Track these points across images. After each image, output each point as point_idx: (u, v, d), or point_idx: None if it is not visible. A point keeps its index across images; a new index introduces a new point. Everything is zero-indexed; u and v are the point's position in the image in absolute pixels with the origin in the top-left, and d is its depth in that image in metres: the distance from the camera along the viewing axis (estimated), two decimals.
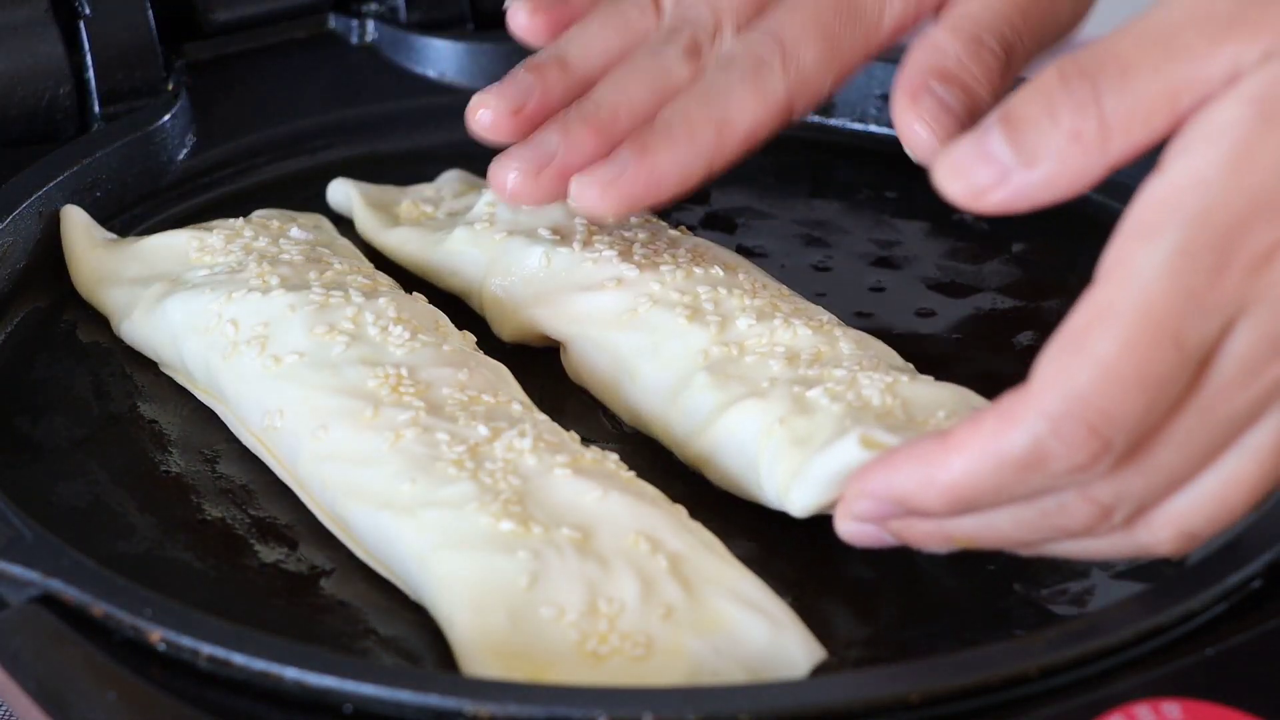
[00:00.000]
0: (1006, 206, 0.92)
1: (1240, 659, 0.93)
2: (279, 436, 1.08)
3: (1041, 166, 0.91)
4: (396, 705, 0.90)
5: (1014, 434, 0.88)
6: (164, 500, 1.09)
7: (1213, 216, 0.86)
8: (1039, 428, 0.87)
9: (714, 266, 1.16)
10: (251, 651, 0.91)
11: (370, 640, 1.00)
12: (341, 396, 1.07)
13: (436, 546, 0.99)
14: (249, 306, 1.13)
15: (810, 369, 1.08)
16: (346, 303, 1.13)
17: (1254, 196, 0.86)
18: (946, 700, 0.90)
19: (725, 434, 1.07)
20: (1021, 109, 0.91)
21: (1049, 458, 0.88)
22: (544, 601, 0.96)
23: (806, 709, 0.89)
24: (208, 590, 1.03)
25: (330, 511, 1.06)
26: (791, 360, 1.09)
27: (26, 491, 1.06)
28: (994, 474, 0.89)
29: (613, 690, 0.91)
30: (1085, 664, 0.92)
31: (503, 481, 1.01)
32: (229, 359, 1.12)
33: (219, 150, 1.36)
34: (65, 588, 0.95)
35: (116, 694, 0.91)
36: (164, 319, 1.16)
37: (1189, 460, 0.89)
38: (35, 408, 1.15)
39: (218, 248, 1.20)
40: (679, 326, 1.13)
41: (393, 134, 1.40)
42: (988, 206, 0.92)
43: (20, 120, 1.34)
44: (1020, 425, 0.88)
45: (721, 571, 0.99)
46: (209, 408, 1.15)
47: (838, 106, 1.39)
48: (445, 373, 1.09)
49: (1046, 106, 0.90)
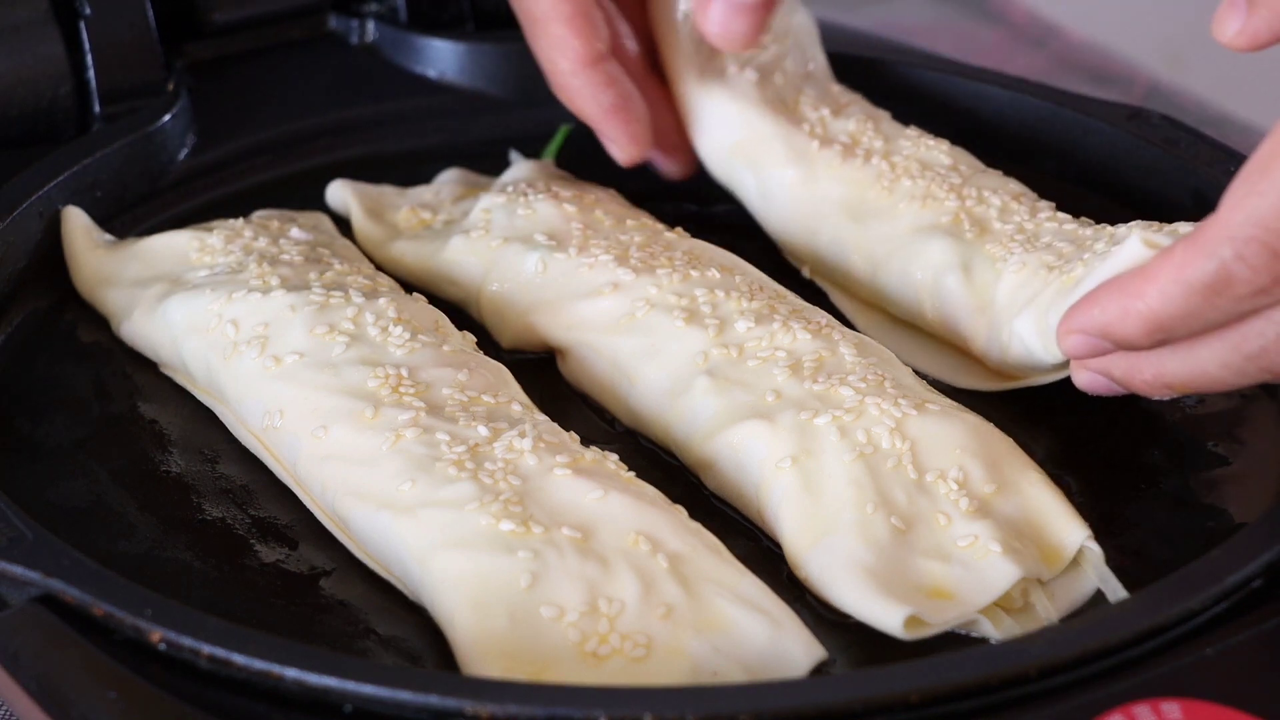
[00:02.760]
0: None
1: (1240, 659, 0.93)
2: (279, 436, 1.08)
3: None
4: (396, 705, 0.90)
5: (1200, 260, 0.93)
6: (164, 500, 1.09)
7: None
8: (1224, 252, 0.92)
9: (710, 269, 1.16)
10: (252, 651, 0.91)
11: (370, 640, 1.00)
12: (342, 397, 1.07)
13: (437, 546, 0.99)
14: (249, 307, 1.13)
15: (815, 382, 1.08)
16: (347, 303, 1.13)
17: None
18: (946, 700, 0.90)
19: (727, 449, 1.07)
20: None
21: (1234, 281, 0.92)
22: (544, 601, 0.96)
23: (806, 709, 0.89)
24: (208, 590, 1.03)
25: (330, 511, 1.06)
26: (795, 369, 1.09)
27: (26, 491, 1.07)
28: (1184, 300, 0.94)
29: (613, 690, 0.91)
30: (1085, 664, 0.92)
31: (503, 482, 1.01)
32: (229, 359, 1.12)
33: (219, 150, 1.36)
34: (65, 588, 0.95)
35: (117, 694, 0.91)
36: (164, 319, 1.16)
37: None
38: (36, 408, 1.15)
39: (218, 248, 1.20)
40: (676, 329, 1.13)
41: (393, 134, 1.40)
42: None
43: (20, 120, 1.34)
44: (1206, 251, 0.93)
45: (721, 571, 0.99)
46: (209, 408, 1.15)
47: None
48: (445, 373, 1.09)
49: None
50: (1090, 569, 1.02)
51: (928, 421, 1.06)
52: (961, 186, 1.21)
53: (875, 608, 0.98)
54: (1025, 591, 1.01)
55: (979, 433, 1.06)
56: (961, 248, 1.17)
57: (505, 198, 1.24)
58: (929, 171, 1.23)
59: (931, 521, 1.02)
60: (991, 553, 1.00)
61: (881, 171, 1.23)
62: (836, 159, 1.24)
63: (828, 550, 1.01)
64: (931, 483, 1.04)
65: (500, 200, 1.24)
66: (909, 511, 1.02)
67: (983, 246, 1.17)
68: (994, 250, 1.16)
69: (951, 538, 1.01)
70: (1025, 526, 1.03)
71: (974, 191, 1.21)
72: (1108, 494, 1.08)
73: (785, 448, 1.05)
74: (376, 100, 1.42)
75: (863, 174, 1.23)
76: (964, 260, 1.17)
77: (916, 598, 0.99)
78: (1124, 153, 1.29)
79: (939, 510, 1.02)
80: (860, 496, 1.02)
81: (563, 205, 1.22)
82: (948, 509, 1.02)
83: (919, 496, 1.03)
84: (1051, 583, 1.02)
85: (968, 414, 1.08)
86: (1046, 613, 1.00)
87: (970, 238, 1.18)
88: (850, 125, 1.27)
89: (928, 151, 1.25)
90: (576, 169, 1.36)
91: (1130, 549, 1.05)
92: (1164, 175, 1.27)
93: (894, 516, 1.02)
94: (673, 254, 1.18)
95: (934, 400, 1.08)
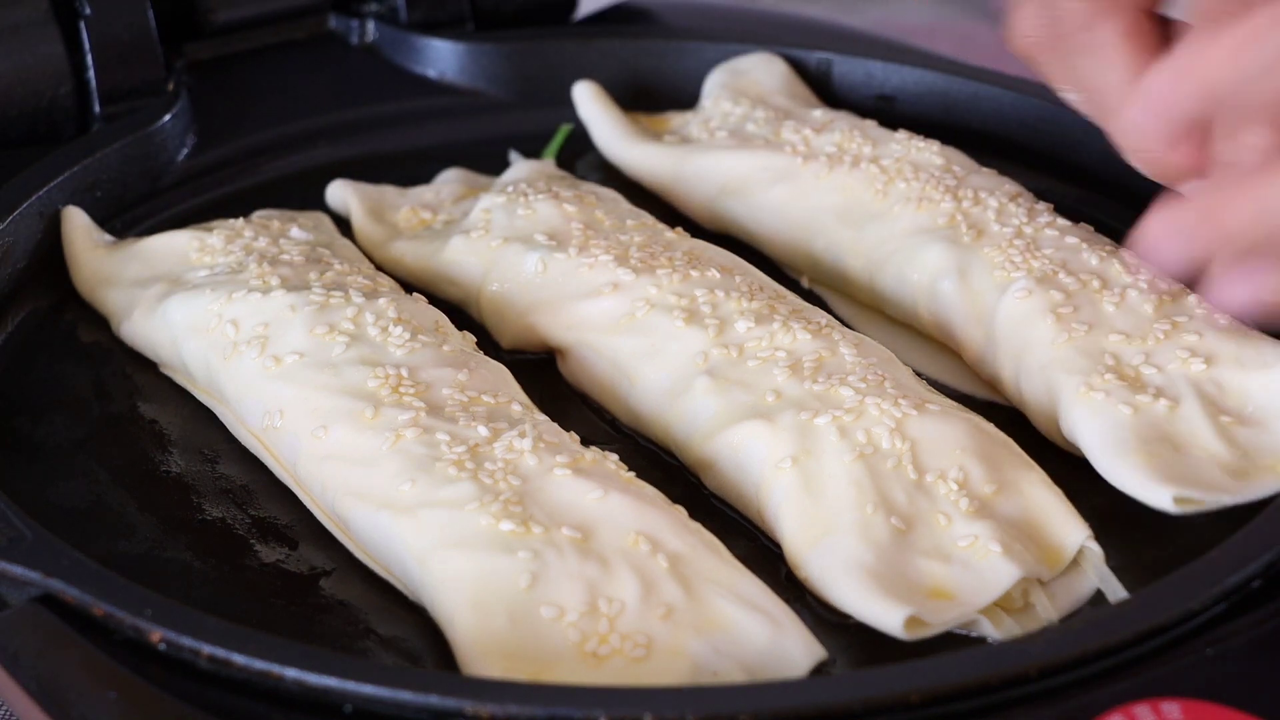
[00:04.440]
0: None
1: (1240, 659, 0.93)
2: (279, 436, 1.08)
3: None
4: (396, 705, 0.90)
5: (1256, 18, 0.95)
6: (164, 500, 1.09)
7: None
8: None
9: (710, 269, 1.16)
10: (252, 651, 0.91)
11: (370, 640, 1.00)
12: (342, 397, 1.07)
13: (436, 546, 0.99)
14: (249, 307, 1.13)
15: (815, 382, 1.08)
16: (347, 303, 1.13)
17: None
18: (946, 700, 0.90)
19: (727, 449, 1.07)
20: None
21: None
22: (544, 601, 0.96)
23: (806, 709, 0.89)
24: (208, 590, 1.03)
25: (330, 512, 1.06)
26: (795, 369, 1.09)
27: (26, 491, 1.07)
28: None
29: (613, 690, 0.91)
30: (1085, 664, 0.92)
31: (503, 482, 1.01)
32: (229, 359, 1.12)
33: (219, 150, 1.36)
34: (65, 588, 0.95)
35: (117, 694, 0.91)
36: (164, 319, 1.16)
37: None
38: (36, 408, 1.15)
39: (218, 248, 1.20)
40: (676, 329, 1.12)
41: (393, 134, 1.40)
42: None
43: (20, 120, 1.34)
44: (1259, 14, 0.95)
45: (721, 572, 0.99)
46: (209, 408, 1.15)
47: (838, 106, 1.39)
48: (445, 373, 1.09)
49: None
50: (1090, 569, 1.02)
51: (928, 421, 1.06)
52: (957, 188, 1.21)
53: (875, 608, 0.98)
54: (1025, 591, 1.01)
55: (979, 432, 1.06)
56: (958, 252, 1.17)
57: (505, 198, 1.24)
58: (922, 173, 1.22)
59: (932, 522, 1.02)
60: (992, 553, 1.00)
61: (873, 175, 1.23)
62: (824, 169, 1.24)
63: (828, 550, 1.01)
64: (931, 483, 1.04)
65: (500, 200, 1.24)
66: (909, 512, 1.02)
67: (980, 250, 1.17)
68: (992, 255, 1.16)
69: (952, 538, 1.01)
70: (1025, 526, 1.03)
71: (970, 193, 1.21)
72: (1107, 493, 1.08)
73: (785, 448, 1.05)
74: (376, 100, 1.42)
75: (853, 179, 1.23)
76: (960, 265, 1.16)
77: (916, 598, 0.99)
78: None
79: (939, 510, 1.02)
80: (860, 497, 1.02)
81: (563, 205, 1.22)
82: (948, 509, 1.02)
83: (919, 497, 1.03)
84: (1052, 583, 1.02)
85: (968, 414, 1.08)
86: (1046, 613, 1.00)
87: (967, 241, 1.17)
88: (835, 137, 1.27)
89: (919, 153, 1.25)
90: (576, 169, 1.36)
91: (1130, 549, 1.05)
92: None
93: (894, 517, 1.02)
94: (673, 254, 1.18)
95: (934, 400, 1.08)
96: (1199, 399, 1.07)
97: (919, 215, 1.20)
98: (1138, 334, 1.10)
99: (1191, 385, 1.08)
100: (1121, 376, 1.08)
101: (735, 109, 1.33)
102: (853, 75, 1.39)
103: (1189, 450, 1.05)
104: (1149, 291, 1.13)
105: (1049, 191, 1.26)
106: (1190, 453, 1.05)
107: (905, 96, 1.38)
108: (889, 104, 1.38)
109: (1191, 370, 1.08)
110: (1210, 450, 1.05)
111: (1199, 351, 1.09)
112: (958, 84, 1.37)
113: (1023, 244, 1.16)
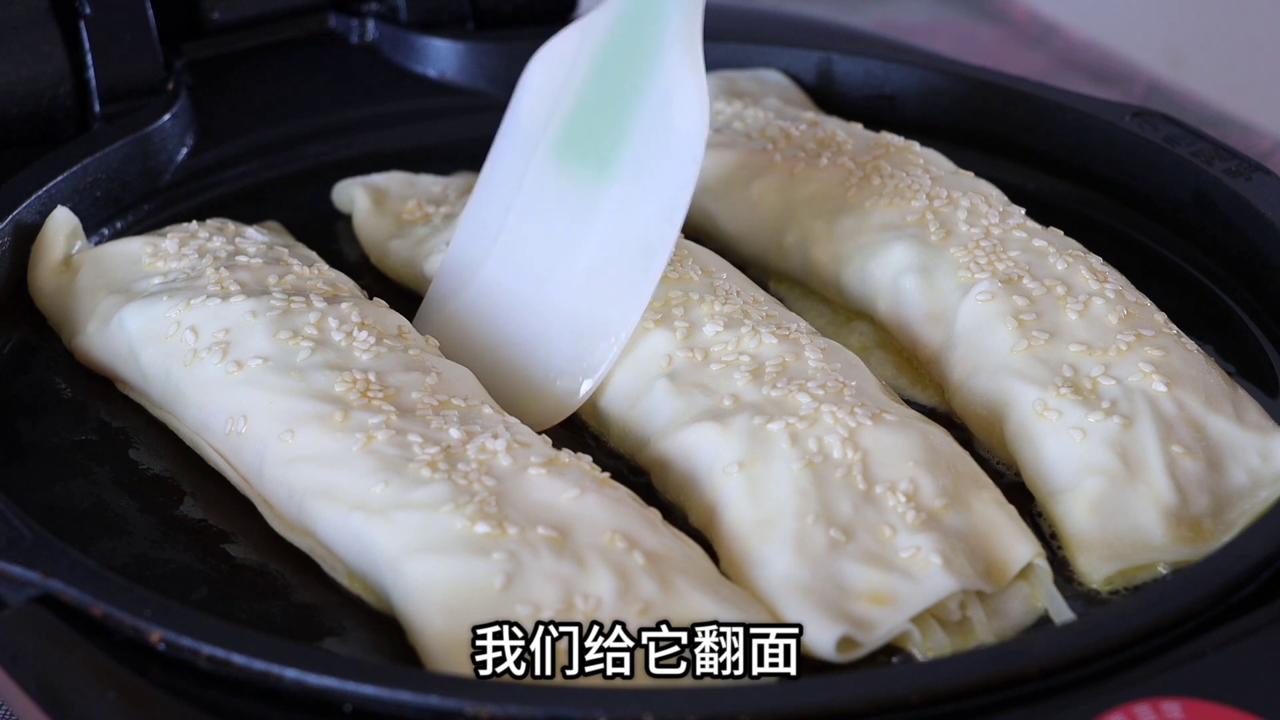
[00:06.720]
0: None
1: (1240, 659, 0.93)
2: (242, 443, 1.07)
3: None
4: (396, 705, 0.90)
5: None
6: (164, 501, 1.09)
7: None
8: None
9: (691, 271, 1.16)
10: (251, 652, 0.91)
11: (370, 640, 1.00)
12: (309, 400, 1.05)
13: (411, 551, 0.98)
14: (208, 313, 1.11)
15: (774, 387, 1.07)
16: (309, 308, 1.11)
17: None
18: (946, 700, 0.90)
19: (679, 451, 1.06)
20: None
21: None
22: (519, 600, 0.95)
23: (806, 709, 0.90)
24: (207, 590, 1.03)
25: (297, 517, 1.04)
26: (756, 374, 1.08)
27: (26, 492, 1.07)
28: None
29: (613, 690, 0.91)
30: (1085, 664, 0.92)
31: (478, 483, 1.00)
32: (190, 366, 1.10)
33: (219, 150, 1.36)
34: (65, 588, 0.95)
35: (116, 694, 0.91)
36: (120, 329, 1.14)
37: None
38: (35, 409, 1.15)
39: (171, 252, 1.18)
40: (644, 330, 1.12)
41: (393, 134, 1.40)
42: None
43: (20, 120, 1.34)
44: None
45: (698, 568, 0.99)
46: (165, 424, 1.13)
47: (838, 108, 1.39)
48: (413, 377, 1.08)
49: None
50: (1039, 588, 1.01)
51: (882, 432, 1.04)
52: (931, 187, 1.21)
53: (809, 629, 0.96)
54: (964, 605, 1.00)
55: (933, 445, 1.05)
56: (924, 250, 1.16)
57: None
58: (899, 172, 1.22)
59: (876, 532, 1.00)
60: (932, 564, 0.99)
61: (849, 170, 1.23)
62: (800, 164, 1.24)
63: (763, 562, 1.00)
64: (880, 494, 1.02)
65: None
66: (852, 522, 1.00)
67: (946, 250, 1.16)
68: (958, 255, 1.15)
69: (895, 549, 1.00)
70: (972, 540, 1.01)
71: (943, 192, 1.20)
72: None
73: (734, 452, 1.04)
74: (376, 100, 1.42)
75: (829, 174, 1.23)
76: (925, 263, 1.16)
77: (852, 610, 0.97)
78: (1124, 152, 1.29)
79: (885, 522, 1.01)
80: (803, 505, 1.01)
81: None
82: (894, 520, 1.01)
83: (866, 507, 1.01)
84: (1001, 599, 1.01)
85: (928, 425, 1.06)
86: (983, 629, 0.99)
87: (935, 240, 1.17)
88: (818, 133, 1.27)
89: (898, 152, 1.25)
90: None
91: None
92: (1164, 175, 1.27)
93: (834, 528, 1.00)
94: None
95: (893, 410, 1.06)
96: (1154, 420, 1.06)
97: (889, 212, 1.20)
98: (1099, 345, 1.09)
99: (1148, 403, 1.06)
100: (1077, 390, 1.07)
101: (727, 108, 1.33)
102: (853, 75, 1.39)
103: (1133, 484, 1.03)
104: (1115, 301, 1.12)
105: (1048, 191, 1.26)
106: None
107: (905, 96, 1.38)
108: (889, 104, 1.38)
109: (1151, 387, 1.07)
110: (1155, 489, 1.03)
111: (1162, 369, 1.08)
112: (958, 84, 1.37)
113: (990, 245, 1.15)
